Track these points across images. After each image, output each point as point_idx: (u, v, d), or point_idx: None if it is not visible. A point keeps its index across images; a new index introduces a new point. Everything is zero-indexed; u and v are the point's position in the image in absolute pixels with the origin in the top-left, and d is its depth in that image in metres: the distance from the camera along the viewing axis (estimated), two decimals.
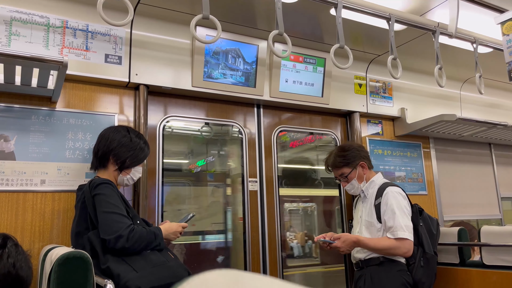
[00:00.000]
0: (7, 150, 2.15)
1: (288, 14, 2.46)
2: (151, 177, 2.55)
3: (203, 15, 2.07)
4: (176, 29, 2.61)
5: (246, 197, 2.84)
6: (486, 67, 3.29)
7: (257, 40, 2.84)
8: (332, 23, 2.53)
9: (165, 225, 2.05)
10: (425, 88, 3.71)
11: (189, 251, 2.90)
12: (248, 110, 3.00)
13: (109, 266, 1.72)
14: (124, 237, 1.75)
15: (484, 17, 2.95)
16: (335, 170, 2.64)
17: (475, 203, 3.90)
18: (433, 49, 2.79)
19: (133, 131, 2.15)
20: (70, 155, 2.29)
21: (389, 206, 2.35)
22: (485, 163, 4.11)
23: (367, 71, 3.41)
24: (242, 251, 2.79)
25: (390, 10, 2.62)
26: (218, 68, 2.73)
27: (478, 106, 4.11)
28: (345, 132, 3.37)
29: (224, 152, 3.18)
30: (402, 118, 3.50)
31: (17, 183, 2.14)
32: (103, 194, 1.85)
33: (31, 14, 2.24)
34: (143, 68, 2.51)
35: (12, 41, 2.19)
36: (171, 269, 1.81)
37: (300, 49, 3.02)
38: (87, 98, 2.41)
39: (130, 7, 1.97)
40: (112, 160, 2.05)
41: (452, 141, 3.87)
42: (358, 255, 2.47)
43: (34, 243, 2.13)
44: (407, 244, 2.30)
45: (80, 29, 2.36)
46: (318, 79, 3.11)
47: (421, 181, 3.58)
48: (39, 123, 2.25)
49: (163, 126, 2.68)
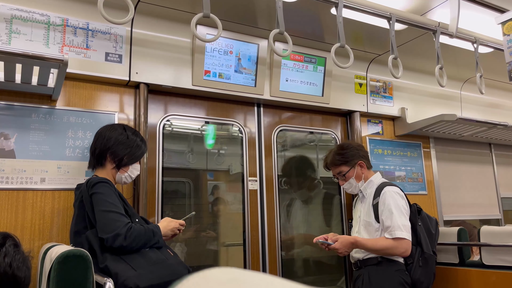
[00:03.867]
0: (7, 148, 2.15)
1: (289, 13, 2.46)
2: (151, 176, 2.55)
3: (203, 14, 2.06)
4: (176, 27, 2.61)
5: (246, 196, 2.84)
6: (487, 67, 3.29)
7: (257, 39, 2.84)
8: (333, 22, 2.53)
9: (163, 223, 2.05)
10: (426, 88, 3.71)
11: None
12: (248, 109, 3.00)
13: (107, 265, 1.72)
14: (122, 236, 1.74)
15: (484, 17, 2.95)
16: (333, 168, 2.65)
17: (475, 203, 3.90)
18: (433, 49, 2.79)
19: (129, 128, 2.14)
20: (70, 153, 2.29)
21: (387, 206, 2.35)
22: (485, 163, 4.11)
23: (368, 71, 3.41)
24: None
25: (391, 9, 2.62)
26: (219, 67, 2.73)
27: (479, 106, 4.11)
28: (345, 132, 3.37)
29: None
30: (402, 118, 3.50)
31: (17, 181, 2.14)
32: (100, 193, 1.85)
33: (32, 12, 2.24)
34: (144, 66, 2.51)
35: (13, 39, 2.18)
36: (171, 267, 1.80)
37: (301, 48, 3.02)
38: (87, 97, 2.41)
39: (131, 5, 1.97)
40: (109, 158, 2.05)
41: (452, 141, 3.87)
42: (356, 255, 2.47)
43: (34, 241, 2.13)
44: (404, 244, 2.30)
45: (81, 27, 2.36)
46: (319, 79, 3.11)
47: (421, 181, 3.58)
48: (39, 121, 2.25)
49: (163, 125, 2.68)
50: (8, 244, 1.13)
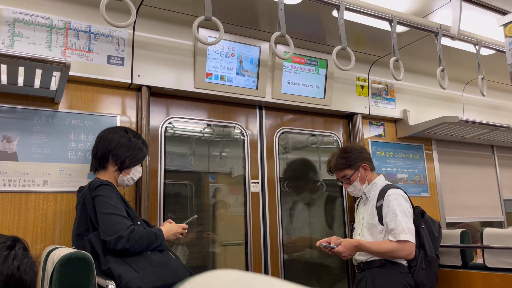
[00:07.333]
0: (9, 150, 2.16)
1: (290, 16, 2.47)
2: (153, 178, 2.56)
3: (205, 17, 2.07)
4: (178, 30, 2.62)
5: (248, 198, 2.84)
6: (489, 69, 3.28)
7: (259, 41, 2.84)
8: (334, 24, 2.53)
9: (166, 226, 2.06)
10: (428, 90, 3.71)
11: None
12: (250, 112, 3.00)
13: (110, 267, 1.72)
14: (124, 238, 1.75)
15: (486, 19, 2.95)
16: (337, 172, 2.64)
17: (478, 205, 3.89)
18: (435, 51, 2.78)
19: (131, 131, 2.15)
20: (72, 156, 2.30)
21: (391, 208, 2.35)
22: (488, 165, 4.10)
23: (369, 73, 3.41)
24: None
25: (392, 11, 2.62)
26: (220, 70, 2.74)
27: (481, 108, 4.10)
28: (347, 134, 3.37)
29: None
30: (404, 120, 3.50)
31: (19, 184, 2.15)
32: (103, 195, 1.85)
33: (34, 15, 2.25)
34: (146, 69, 2.52)
35: (15, 42, 2.19)
36: (173, 269, 1.81)
37: (302, 50, 3.02)
38: (89, 99, 2.41)
39: (133, 8, 1.98)
40: (111, 161, 2.06)
41: (454, 143, 3.86)
42: (359, 257, 2.46)
43: (36, 243, 2.13)
44: (409, 247, 2.29)
45: (83, 30, 2.37)
46: (320, 81, 3.11)
47: (423, 183, 3.57)
48: (41, 124, 2.26)
49: (165, 127, 2.68)
50: (18, 247, 1.13)
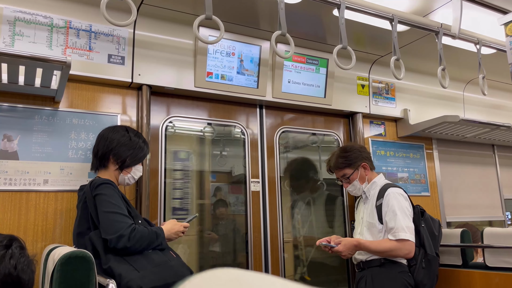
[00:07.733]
0: (10, 149, 2.16)
1: (291, 15, 2.47)
2: (154, 177, 2.56)
3: (206, 16, 2.07)
4: (179, 29, 2.62)
5: (248, 197, 2.85)
6: (490, 68, 3.28)
7: (260, 40, 2.84)
8: (335, 23, 2.53)
9: (167, 225, 2.06)
10: (428, 89, 3.70)
11: None
12: (251, 111, 3.00)
13: (110, 266, 1.72)
14: (125, 237, 1.75)
15: (487, 18, 2.94)
16: (337, 171, 2.64)
17: (478, 204, 3.88)
18: (436, 50, 2.78)
19: (131, 130, 2.15)
20: (73, 155, 2.30)
21: (391, 207, 2.35)
22: (488, 165, 4.10)
23: (370, 72, 3.41)
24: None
25: (393, 11, 2.62)
26: (221, 69, 2.74)
27: (481, 107, 4.09)
28: (348, 133, 3.37)
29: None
30: (405, 119, 3.50)
31: (20, 183, 2.15)
32: (104, 194, 1.86)
33: (35, 14, 2.25)
34: (146, 68, 2.52)
35: (16, 41, 2.19)
36: (173, 268, 1.81)
37: (303, 49, 3.02)
38: (90, 98, 2.41)
39: (133, 7, 1.98)
40: (112, 160, 2.06)
41: (455, 142, 3.86)
42: (359, 257, 2.46)
43: (36, 242, 2.14)
44: (408, 246, 2.29)
45: (83, 29, 2.37)
46: (321, 80, 3.11)
47: (424, 182, 3.57)
48: (42, 123, 2.26)
49: (166, 126, 2.68)
50: (15, 246, 1.13)
